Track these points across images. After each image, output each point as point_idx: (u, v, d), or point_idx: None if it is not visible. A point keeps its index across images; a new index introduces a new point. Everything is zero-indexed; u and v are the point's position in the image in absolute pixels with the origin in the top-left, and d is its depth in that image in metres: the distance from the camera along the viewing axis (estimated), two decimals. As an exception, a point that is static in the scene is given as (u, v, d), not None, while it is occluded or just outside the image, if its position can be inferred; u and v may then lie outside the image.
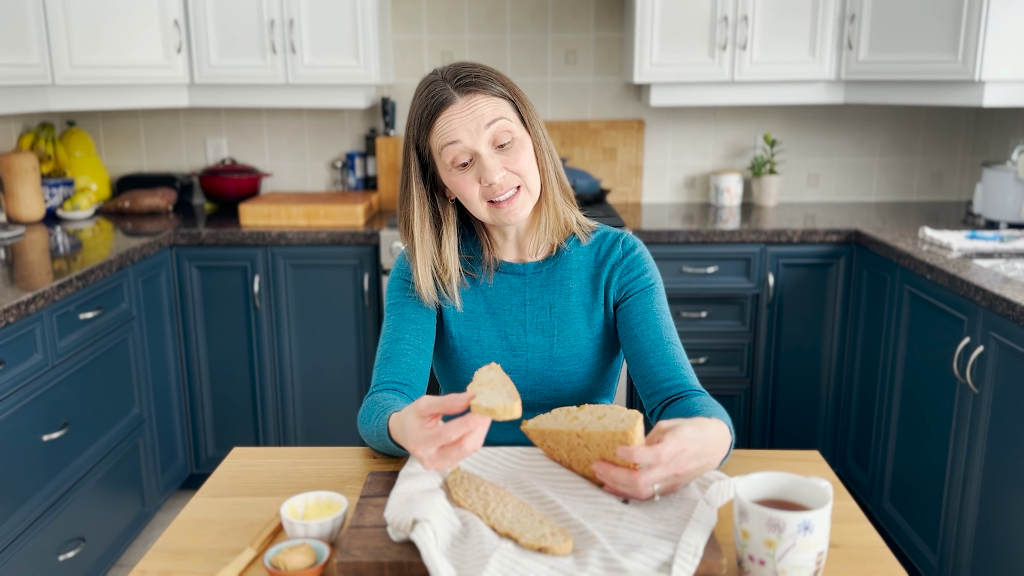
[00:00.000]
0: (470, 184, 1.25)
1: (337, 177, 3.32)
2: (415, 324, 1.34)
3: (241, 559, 0.97)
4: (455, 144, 1.22)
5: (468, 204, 1.27)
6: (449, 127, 1.22)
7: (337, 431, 2.90)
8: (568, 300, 1.36)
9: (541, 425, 1.11)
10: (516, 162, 1.25)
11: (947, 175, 3.31)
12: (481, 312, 1.36)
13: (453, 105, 1.22)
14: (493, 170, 1.22)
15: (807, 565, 0.87)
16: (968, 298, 2.03)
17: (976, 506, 2.02)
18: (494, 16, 3.19)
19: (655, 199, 3.36)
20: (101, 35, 2.73)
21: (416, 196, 1.29)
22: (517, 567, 0.89)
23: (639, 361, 1.31)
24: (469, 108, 1.22)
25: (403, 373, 1.30)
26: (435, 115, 1.23)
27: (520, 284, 1.37)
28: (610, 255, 1.36)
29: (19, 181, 2.84)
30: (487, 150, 1.23)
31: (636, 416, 1.01)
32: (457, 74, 1.24)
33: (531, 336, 1.36)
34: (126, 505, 2.47)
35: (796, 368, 2.83)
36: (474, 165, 1.24)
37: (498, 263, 1.37)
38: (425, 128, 1.25)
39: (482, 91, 1.23)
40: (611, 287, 1.36)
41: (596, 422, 1.05)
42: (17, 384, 1.94)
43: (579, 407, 1.10)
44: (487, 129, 1.22)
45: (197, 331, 2.81)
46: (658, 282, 1.37)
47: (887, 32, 2.73)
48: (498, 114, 1.23)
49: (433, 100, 1.23)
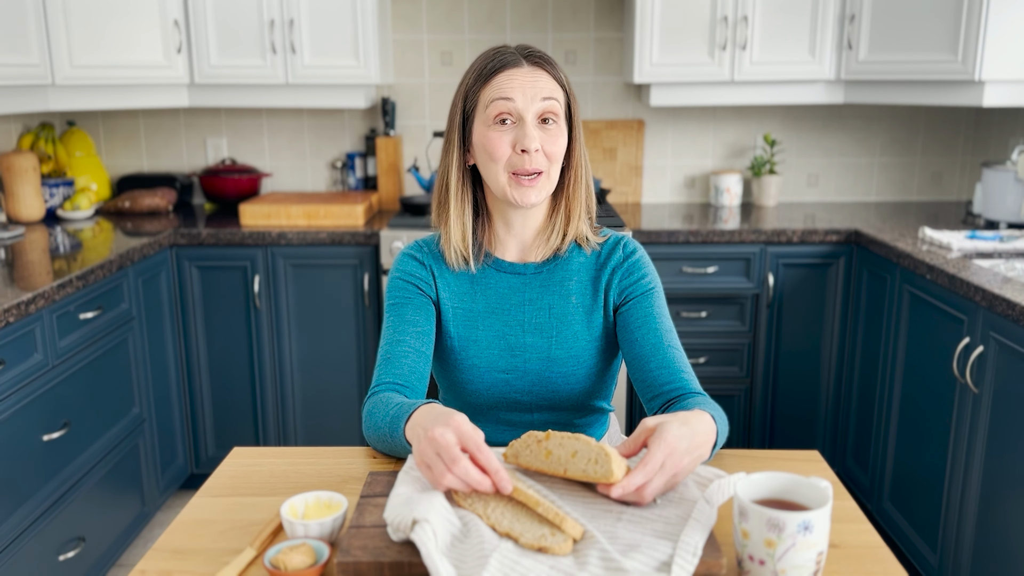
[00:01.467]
0: (503, 144, 1.26)
1: (337, 177, 3.32)
2: (414, 326, 1.33)
3: (241, 559, 0.97)
4: (507, 101, 1.25)
5: (492, 163, 1.27)
6: (509, 84, 1.26)
7: (337, 431, 2.90)
8: (567, 302, 1.36)
9: (522, 461, 1.09)
10: (552, 144, 1.27)
11: (947, 175, 3.31)
12: (480, 311, 1.36)
13: (519, 68, 1.27)
14: (533, 138, 1.25)
15: (807, 565, 0.87)
16: (968, 298, 2.03)
17: (976, 506, 2.02)
18: (494, 16, 3.19)
19: (655, 199, 3.36)
20: (101, 35, 2.73)
21: (456, 146, 1.31)
22: (517, 567, 0.89)
23: (639, 365, 1.31)
24: (532, 76, 1.27)
25: (404, 375, 1.30)
26: (498, 71, 1.27)
27: (520, 284, 1.37)
28: (611, 258, 1.37)
29: (19, 181, 2.84)
30: (533, 120, 1.26)
31: (607, 456, 1.00)
32: (527, 48, 1.30)
33: (529, 336, 1.35)
34: (126, 505, 2.48)
35: (796, 368, 2.84)
36: (514, 129, 1.26)
37: (492, 258, 1.37)
38: (483, 80, 1.28)
39: (547, 70, 1.29)
40: (611, 290, 1.36)
41: (572, 461, 1.02)
42: (17, 384, 1.94)
43: (545, 434, 1.06)
44: (541, 102, 1.26)
45: (197, 331, 2.81)
46: (658, 286, 1.37)
47: (887, 32, 2.73)
48: (554, 95, 1.28)
49: (501, 58, 1.28)
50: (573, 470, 1.03)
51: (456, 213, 1.33)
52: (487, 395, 1.37)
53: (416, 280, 1.37)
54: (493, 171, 1.28)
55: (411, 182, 3.33)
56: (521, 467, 1.09)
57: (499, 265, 1.37)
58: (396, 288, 1.37)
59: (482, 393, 1.36)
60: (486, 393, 1.36)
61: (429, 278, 1.37)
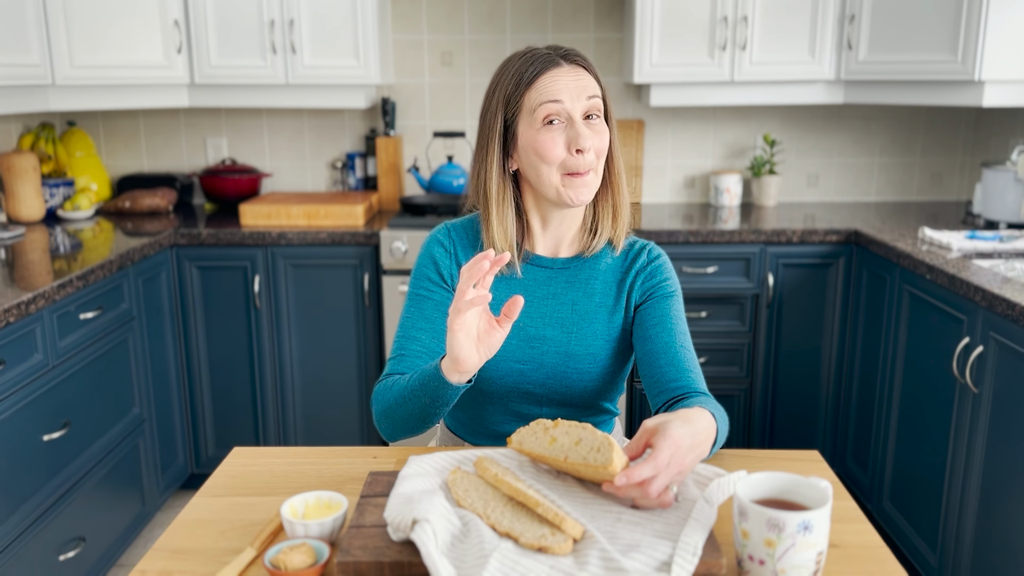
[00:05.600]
0: (556, 145, 1.26)
1: (337, 177, 3.32)
2: (431, 323, 1.34)
3: (241, 559, 0.97)
4: (556, 103, 1.25)
5: (544, 166, 1.27)
6: (555, 86, 1.25)
7: (337, 431, 2.90)
8: (591, 300, 1.37)
9: (525, 446, 1.10)
10: (600, 140, 1.28)
11: (947, 175, 3.31)
12: (502, 300, 1.36)
13: (560, 68, 1.27)
14: (587, 136, 1.25)
15: (807, 565, 0.87)
16: (968, 298, 2.03)
17: (976, 506, 2.02)
18: (494, 16, 3.19)
19: (655, 199, 3.36)
20: (101, 35, 2.73)
21: (496, 153, 1.30)
22: (517, 567, 0.89)
23: (650, 361, 1.32)
24: (575, 75, 1.27)
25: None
26: (540, 73, 1.26)
27: (546, 278, 1.37)
28: (636, 262, 1.39)
29: (19, 181, 2.84)
30: (580, 118, 1.26)
31: (610, 445, 1.00)
32: (559, 47, 1.30)
33: (549, 329, 1.36)
34: (126, 505, 2.48)
35: (796, 368, 2.84)
36: (564, 130, 1.26)
37: (528, 255, 1.37)
38: (526, 85, 1.27)
39: (584, 66, 1.29)
40: (634, 291, 1.38)
41: (575, 449, 1.03)
42: (17, 384, 1.94)
43: (554, 422, 1.08)
44: (587, 100, 1.27)
45: (197, 331, 2.81)
46: (678, 292, 1.39)
47: (887, 32, 2.73)
48: (596, 92, 1.28)
49: (540, 61, 1.27)
50: (574, 457, 1.03)
51: (498, 220, 1.32)
52: (500, 384, 1.37)
53: (441, 269, 1.37)
54: (545, 173, 1.27)
55: (411, 182, 3.33)
56: (524, 452, 1.10)
57: (527, 257, 1.38)
58: (421, 276, 1.38)
59: (495, 381, 1.37)
60: (499, 381, 1.37)
61: (455, 267, 1.38)
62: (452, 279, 1.37)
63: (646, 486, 0.98)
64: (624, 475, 0.97)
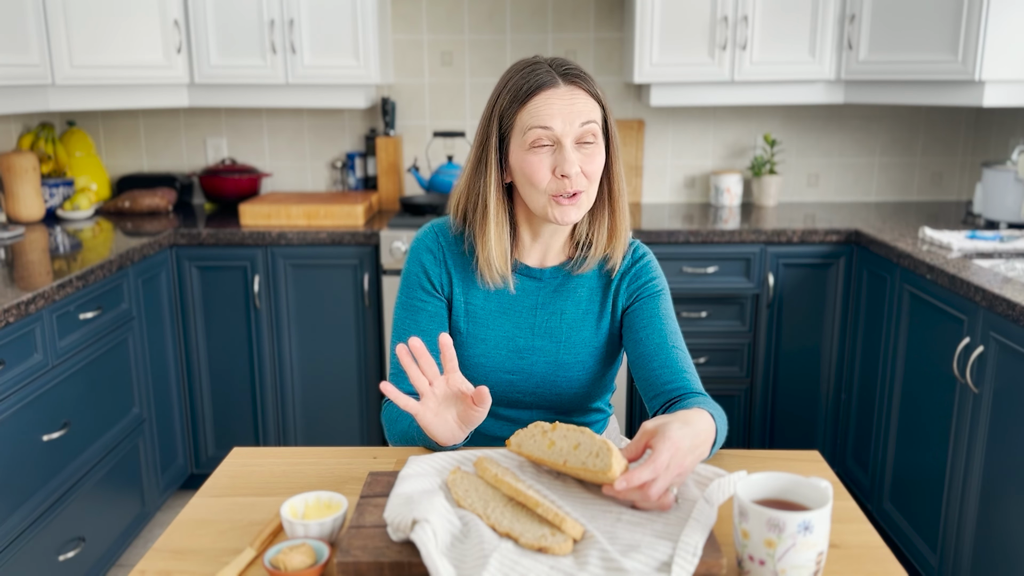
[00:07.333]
0: (542, 168, 1.24)
1: (337, 177, 3.32)
2: (428, 336, 1.33)
3: (241, 559, 0.97)
4: (545, 129, 1.23)
5: (531, 187, 1.26)
6: (547, 110, 1.23)
7: (337, 431, 2.90)
8: (578, 308, 1.36)
9: (524, 449, 1.10)
10: (590, 163, 1.26)
11: (947, 175, 3.31)
12: (492, 310, 1.36)
13: (556, 89, 1.24)
14: (572, 162, 1.23)
15: (807, 565, 0.87)
16: (968, 298, 2.03)
17: (976, 506, 2.02)
18: (494, 16, 3.19)
19: (655, 199, 3.36)
20: (101, 35, 2.73)
21: (493, 167, 1.28)
22: (517, 567, 0.89)
23: (643, 364, 1.31)
24: (570, 97, 1.24)
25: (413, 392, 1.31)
26: (535, 92, 1.24)
27: (535, 288, 1.37)
28: (620, 264, 1.37)
29: (19, 181, 2.84)
30: (571, 144, 1.24)
31: (609, 450, 1.00)
32: (562, 64, 1.27)
33: (539, 340, 1.36)
34: (126, 505, 2.47)
35: (796, 368, 2.83)
36: (552, 153, 1.24)
37: (517, 264, 1.37)
38: (520, 102, 1.25)
39: (584, 87, 1.26)
40: (620, 294, 1.37)
41: (573, 453, 1.03)
42: (17, 384, 1.94)
43: (552, 425, 1.08)
44: (580, 127, 1.24)
45: (197, 331, 2.81)
46: (665, 289, 1.37)
47: (887, 32, 2.73)
48: (592, 116, 1.25)
49: (537, 78, 1.24)
50: (573, 462, 1.03)
51: (496, 233, 1.30)
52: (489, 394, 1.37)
53: (432, 278, 1.36)
54: (533, 192, 1.26)
55: (411, 182, 3.33)
56: (523, 455, 1.09)
57: (516, 267, 1.37)
58: (413, 286, 1.36)
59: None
60: (489, 392, 1.37)
61: (444, 275, 1.37)
62: (443, 288, 1.36)
63: (646, 489, 0.98)
64: (624, 479, 0.97)
